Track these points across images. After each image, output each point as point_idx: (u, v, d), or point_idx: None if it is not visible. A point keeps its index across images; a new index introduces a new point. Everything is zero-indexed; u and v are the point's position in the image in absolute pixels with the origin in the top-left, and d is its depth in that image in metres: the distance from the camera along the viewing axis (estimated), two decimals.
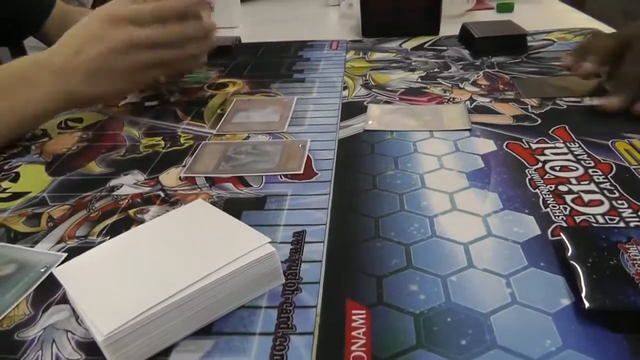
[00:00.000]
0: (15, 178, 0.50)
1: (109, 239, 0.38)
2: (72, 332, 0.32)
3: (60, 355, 0.30)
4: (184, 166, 0.50)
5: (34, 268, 0.38)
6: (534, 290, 0.33)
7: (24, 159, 0.54)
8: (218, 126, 0.59)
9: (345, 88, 0.68)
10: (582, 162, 0.47)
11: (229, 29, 1.03)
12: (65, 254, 0.39)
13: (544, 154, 0.48)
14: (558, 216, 0.40)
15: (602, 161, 0.47)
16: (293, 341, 0.30)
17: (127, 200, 0.45)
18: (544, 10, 1.08)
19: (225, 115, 0.62)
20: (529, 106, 0.59)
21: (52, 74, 0.54)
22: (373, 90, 0.67)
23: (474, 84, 0.67)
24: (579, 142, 0.50)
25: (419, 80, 0.70)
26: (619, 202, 0.41)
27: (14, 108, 0.54)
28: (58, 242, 0.40)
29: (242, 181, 0.47)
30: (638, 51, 0.55)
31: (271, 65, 0.80)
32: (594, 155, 0.48)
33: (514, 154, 0.49)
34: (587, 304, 0.30)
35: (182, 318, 0.30)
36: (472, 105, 0.60)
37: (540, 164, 0.47)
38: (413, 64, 0.76)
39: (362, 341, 0.30)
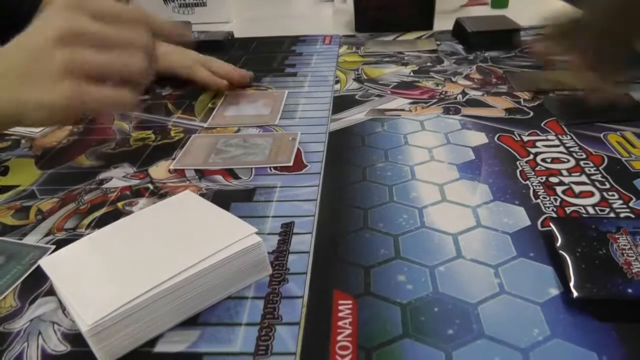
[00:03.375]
0: (5, 171, 0.50)
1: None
2: (59, 323, 0.32)
3: (46, 346, 0.30)
4: (174, 159, 0.50)
5: (22, 260, 0.37)
6: (522, 280, 0.32)
7: (13, 153, 0.54)
8: (209, 119, 0.59)
9: (337, 82, 0.68)
10: (573, 154, 0.47)
11: (221, 23, 1.03)
12: (53, 247, 0.38)
13: (535, 146, 0.48)
14: (548, 207, 0.39)
15: (594, 153, 0.47)
16: (279, 331, 0.30)
17: (116, 193, 0.45)
18: (540, 5, 1.08)
19: (216, 109, 0.61)
20: (522, 99, 0.59)
21: None
22: (365, 84, 0.67)
23: (467, 77, 0.67)
24: (571, 134, 0.50)
25: (412, 74, 0.69)
26: (610, 193, 0.41)
27: None
28: (46, 235, 0.40)
29: (231, 173, 0.47)
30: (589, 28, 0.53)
31: (263, 59, 0.80)
32: (586, 147, 0.48)
33: (506, 146, 0.49)
34: (575, 293, 0.30)
35: (168, 308, 0.30)
36: (465, 99, 0.60)
37: (531, 156, 0.47)
38: (406, 58, 0.76)
39: (348, 331, 0.29)
